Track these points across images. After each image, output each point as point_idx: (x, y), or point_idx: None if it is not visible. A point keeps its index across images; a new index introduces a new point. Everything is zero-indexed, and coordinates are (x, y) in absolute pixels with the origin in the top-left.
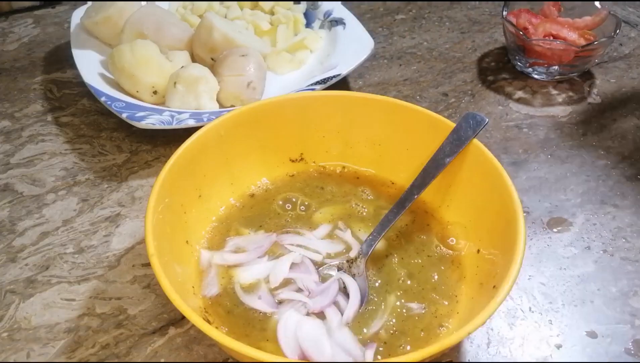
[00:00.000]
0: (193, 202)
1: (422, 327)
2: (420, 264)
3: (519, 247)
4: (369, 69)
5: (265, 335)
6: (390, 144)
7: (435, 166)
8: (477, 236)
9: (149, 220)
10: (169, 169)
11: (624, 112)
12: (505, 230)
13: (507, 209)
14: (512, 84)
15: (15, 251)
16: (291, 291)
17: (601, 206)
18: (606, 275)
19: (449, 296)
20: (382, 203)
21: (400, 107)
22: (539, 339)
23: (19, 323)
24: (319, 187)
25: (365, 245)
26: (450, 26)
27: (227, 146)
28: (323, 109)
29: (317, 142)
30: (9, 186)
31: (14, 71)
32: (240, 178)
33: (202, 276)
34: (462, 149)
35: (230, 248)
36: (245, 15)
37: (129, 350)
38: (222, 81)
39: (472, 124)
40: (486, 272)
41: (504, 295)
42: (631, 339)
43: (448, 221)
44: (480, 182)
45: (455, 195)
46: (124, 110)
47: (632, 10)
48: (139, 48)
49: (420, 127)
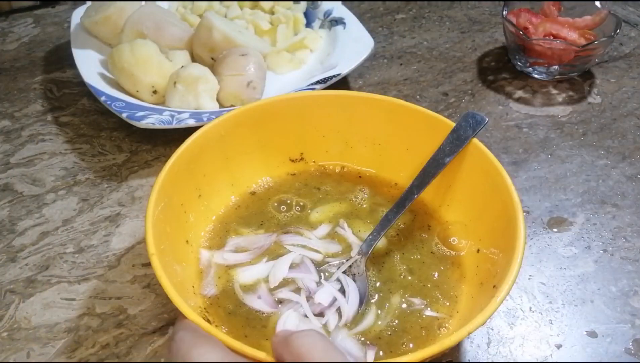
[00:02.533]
0: (193, 202)
1: (423, 325)
2: (420, 261)
3: (519, 247)
4: (369, 68)
5: (265, 334)
6: (390, 144)
7: (435, 165)
8: (477, 236)
9: (149, 220)
10: (169, 168)
11: (624, 112)
12: (506, 230)
13: (507, 209)
14: (512, 84)
15: (15, 251)
16: (290, 291)
17: (601, 205)
18: (606, 275)
19: (449, 297)
20: (379, 200)
21: (400, 107)
22: (539, 339)
23: (18, 323)
24: (315, 187)
25: (365, 245)
26: (450, 26)
27: (228, 146)
28: (323, 108)
29: (317, 142)
30: (9, 185)
31: (13, 70)
32: (240, 178)
33: (202, 275)
34: (462, 148)
35: (230, 247)
36: (245, 15)
37: (129, 349)
38: (222, 80)
39: (472, 123)
40: (486, 272)
41: (504, 295)
42: (631, 339)
43: (448, 221)
44: (481, 182)
45: (455, 195)
46: (124, 110)
47: (632, 10)
48: (139, 48)
49: (420, 127)
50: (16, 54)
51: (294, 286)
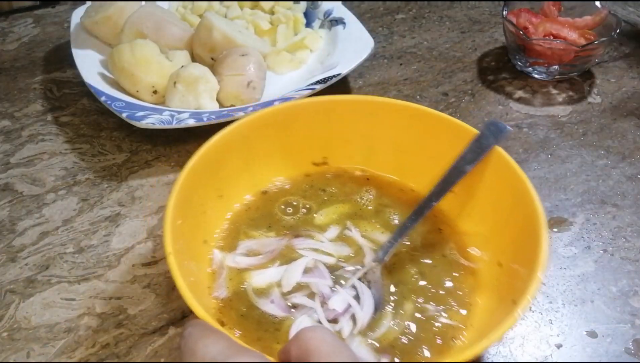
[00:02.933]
0: (213, 202)
1: (438, 333)
2: (436, 270)
3: (542, 262)
4: (369, 68)
5: (278, 337)
6: (414, 151)
7: (456, 173)
8: (498, 248)
9: (168, 218)
10: (190, 167)
11: (624, 112)
12: (528, 243)
13: (531, 221)
14: (512, 84)
15: (15, 251)
16: (304, 296)
17: (601, 205)
18: (606, 275)
19: (464, 304)
20: (386, 201)
21: (426, 114)
22: (539, 339)
23: (18, 323)
24: (321, 189)
25: (382, 252)
26: (450, 26)
27: (251, 147)
28: (350, 113)
29: (341, 146)
30: (9, 185)
31: (13, 70)
32: (261, 180)
33: (214, 277)
34: (483, 157)
35: (241, 250)
36: (245, 15)
37: (129, 349)
38: (222, 80)
39: (495, 131)
40: (506, 285)
41: (523, 311)
42: (631, 339)
43: (468, 231)
44: (503, 192)
45: (476, 205)
46: (124, 110)
47: (632, 10)
48: (139, 48)
49: (445, 134)
50: (16, 54)
51: (308, 291)
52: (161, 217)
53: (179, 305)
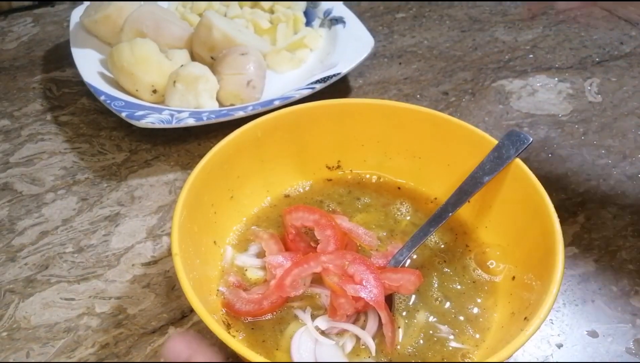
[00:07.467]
0: (225, 203)
1: (445, 355)
2: (458, 290)
3: (556, 279)
4: (369, 67)
5: (279, 343)
6: (430, 157)
7: (473, 184)
8: (514, 261)
9: (177, 219)
10: (201, 168)
11: (625, 111)
12: (543, 258)
13: (547, 237)
14: (512, 83)
15: (14, 251)
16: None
17: (602, 205)
18: (607, 275)
19: (481, 328)
20: (421, 216)
21: (444, 121)
22: (540, 338)
23: (18, 323)
24: (356, 197)
25: (394, 261)
26: (450, 25)
27: (264, 149)
28: (365, 117)
29: (355, 150)
30: (9, 185)
31: (13, 69)
32: (275, 181)
33: (222, 274)
34: (503, 168)
35: (252, 251)
36: (245, 14)
37: (128, 349)
38: (222, 79)
39: (515, 142)
40: (519, 300)
41: (535, 329)
42: (632, 338)
43: (486, 243)
44: (521, 204)
45: (495, 216)
46: (124, 109)
47: (632, 10)
48: (139, 47)
49: (463, 142)
50: (15, 54)
51: (312, 302)
52: (161, 217)
53: (178, 304)
